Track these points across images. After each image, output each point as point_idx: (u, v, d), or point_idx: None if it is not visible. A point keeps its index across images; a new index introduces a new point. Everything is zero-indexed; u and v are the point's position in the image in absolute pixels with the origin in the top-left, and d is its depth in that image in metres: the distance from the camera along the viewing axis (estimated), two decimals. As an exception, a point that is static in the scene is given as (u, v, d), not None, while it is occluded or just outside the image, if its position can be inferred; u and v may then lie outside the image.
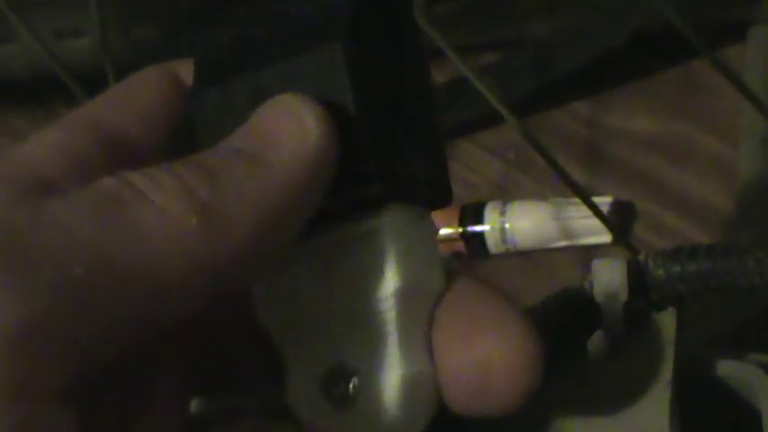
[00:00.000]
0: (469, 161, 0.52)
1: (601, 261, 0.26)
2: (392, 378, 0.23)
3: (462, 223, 0.49)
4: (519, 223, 0.48)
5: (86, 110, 0.26)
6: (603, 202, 0.47)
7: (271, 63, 0.24)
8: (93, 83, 0.41)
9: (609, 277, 0.26)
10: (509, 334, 0.23)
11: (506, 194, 0.50)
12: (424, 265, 0.24)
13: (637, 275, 0.26)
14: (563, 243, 0.48)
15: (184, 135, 0.26)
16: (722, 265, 0.25)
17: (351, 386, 0.24)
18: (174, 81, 0.27)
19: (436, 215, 0.50)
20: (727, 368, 0.27)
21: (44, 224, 0.22)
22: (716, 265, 0.26)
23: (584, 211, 0.43)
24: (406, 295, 0.24)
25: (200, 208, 0.22)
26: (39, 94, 0.56)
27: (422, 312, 0.24)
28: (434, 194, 0.25)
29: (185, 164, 0.23)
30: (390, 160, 0.24)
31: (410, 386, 0.23)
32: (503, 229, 0.48)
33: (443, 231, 0.49)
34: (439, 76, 0.52)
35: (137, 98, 0.27)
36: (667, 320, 0.26)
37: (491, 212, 0.48)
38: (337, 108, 0.23)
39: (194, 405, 0.26)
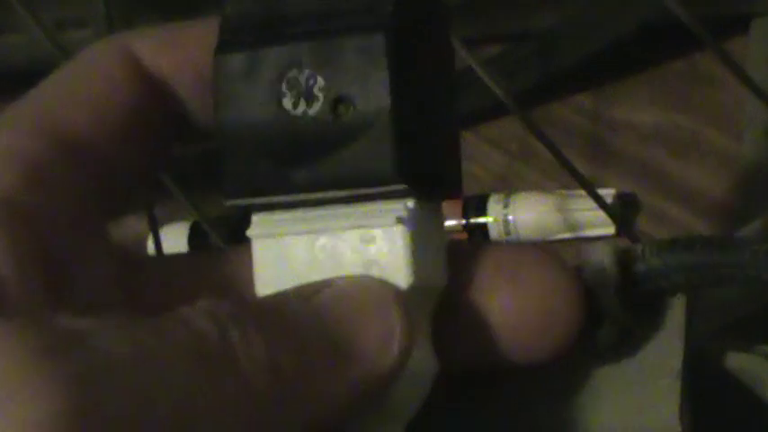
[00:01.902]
0: (473, 153, 0.52)
1: (591, 243, 0.26)
2: None
3: (466, 215, 0.49)
4: (522, 215, 0.48)
5: (33, 105, 0.24)
6: (607, 193, 0.47)
7: (304, 39, 0.24)
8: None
9: (598, 259, 0.26)
10: (554, 275, 0.24)
11: (509, 186, 0.50)
12: (434, 262, 0.24)
13: (627, 260, 0.26)
14: (566, 235, 0.48)
15: (141, 125, 0.25)
16: (718, 256, 0.25)
17: None
18: (127, 60, 0.24)
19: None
20: (736, 360, 0.27)
21: (135, 353, 0.20)
22: (712, 256, 0.25)
23: (588, 203, 0.43)
24: (415, 292, 0.23)
25: (280, 386, 0.21)
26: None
27: (426, 308, 0.24)
28: (447, 186, 0.25)
29: (277, 326, 0.22)
30: (415, 157, 0.23)
31: (409, 379, 0.23)
32: (506, 221, 0.48)
33: (447, 223, 0.49)
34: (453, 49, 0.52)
35: (87, 87, 0.24)
36: (677, 310, 0.26)
37: (494, 204, 0.48)
38: (370, 98, 0.23)
39: None
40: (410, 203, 0.23)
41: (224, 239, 0.41)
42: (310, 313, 0.22)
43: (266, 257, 0.24)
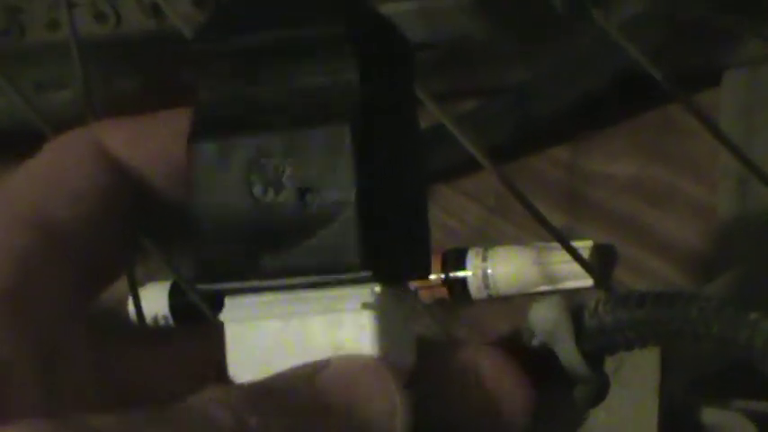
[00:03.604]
0: (450, 207, 0.52)
1: (538, 301, 0.27)
2: None
3: (445, 269, 0.49)
4: (501, 269, 0.48)
5: (13, 196, 0.25)
6: (584, 245, 0.47)
7: (274, 128, 0.24)
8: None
9: (545, 316, 0.26)
10: (510, 374, 0.26)
11: (487, 240, 0.50)
12: (402, 343, 0.25)
13: (579, 317, 0.26)
14: (545, 288, 0.48)
15: (114, 211, 0.25)
16: (668, 312, 0.26)
17: None
18: (98, 151, 0.25)
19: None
20: (712, 415, 0.27)
21: None
22: (662, 312, 0.26)
23: (566, 255, 0.43)
24: None
25: None
26: (20, 146, 0.56)
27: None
28: (414, 268, 0.25)
29: (286, 411, 0.22)
30: (380, 245, 0.24)
31: None
32: (485, 275, 0.48)
33: (426, 278, 0.49)
34: (419, 123, 0.52)
35: (61, 178, 0.25)
36: (651, 366, 0.27)
37: (473, 258, 0.49)
38: (335, 188, 0.24)
39: None
40: (377, 288, 0.24)
41: (203, 300, 0.41)
42: (316, 396, 0.23)
43: (238, 341, 0.24)
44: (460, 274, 0.49)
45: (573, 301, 0.27)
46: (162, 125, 0.26)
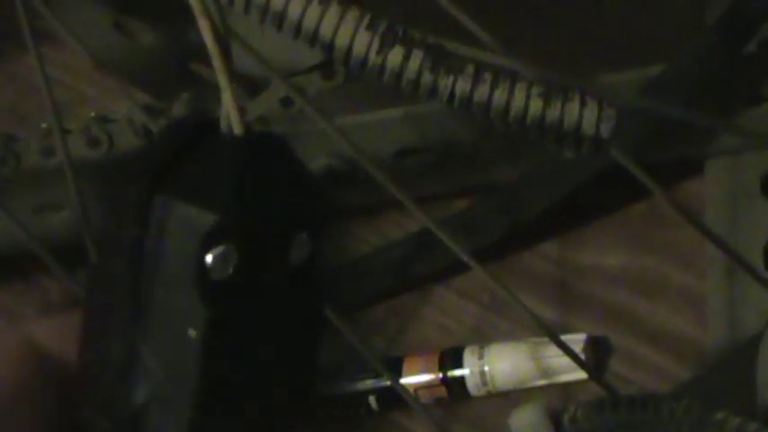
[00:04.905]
0: (445, 306, 0.53)
1: (518, 408, 0.28)
2: None
3: (442, 368, 0.49)
4: (498, 365, 0.49)
5: None
6: (578, 338, 0.48)
7: None
8: (73, 254, 0.42)
9: (526, 422, 0.27)
10: None
11: (483, 337, 0.51)
12: None
13: (558, 422, 0.27)
14: (542, 382, 0.49)
15: (38, 403, 0.27)
16: (640, 417, 0.27)
17: None
18: (26, 346, 0.27)
19: (418, 362, 0.51)
20: None
21: None
22: (636, 415, 0.27)
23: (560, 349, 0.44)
24: None
25: None
26: (20, 267, 0.57)
27: None
28: None
29: None
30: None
31: None
32: (482, 372, 0.49)
33: (424, 378, 0.50)
34: (413, 225, 0.53)
35: None
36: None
37: (470, 356, 0.49)
38: None
39: None
40: None
41: None
42: None
43: None
44: (458, 372, 0.49)
45: (552, 407, 0.27)
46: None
